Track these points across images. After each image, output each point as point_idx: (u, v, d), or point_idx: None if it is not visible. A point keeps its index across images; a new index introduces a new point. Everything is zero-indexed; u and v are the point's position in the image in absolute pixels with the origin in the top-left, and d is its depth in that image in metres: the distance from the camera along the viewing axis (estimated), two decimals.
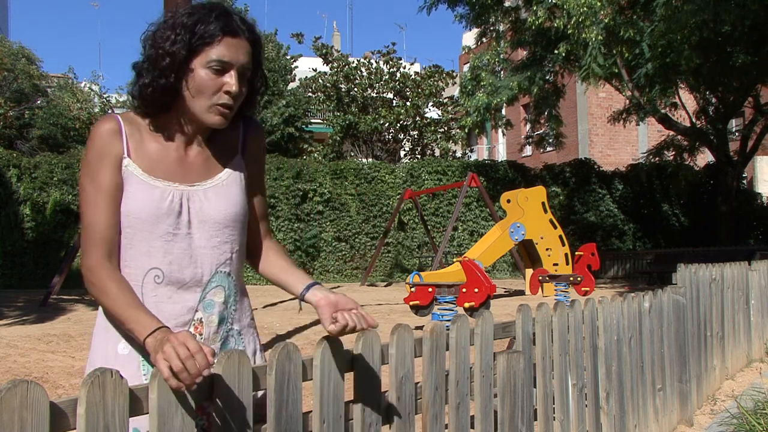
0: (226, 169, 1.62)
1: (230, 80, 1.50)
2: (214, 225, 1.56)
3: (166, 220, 1.52)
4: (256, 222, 1.72)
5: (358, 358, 1.65)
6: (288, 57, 25.10)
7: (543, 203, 12.69)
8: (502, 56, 16.87)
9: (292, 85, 25.17)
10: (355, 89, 25.14)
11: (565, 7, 12.60)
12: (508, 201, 12.77)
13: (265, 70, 1.66)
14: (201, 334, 1.57)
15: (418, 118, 24.88)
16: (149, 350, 1.32)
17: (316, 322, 8.76)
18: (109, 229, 1.50)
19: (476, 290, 8.06)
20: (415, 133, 25.48)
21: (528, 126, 22.08)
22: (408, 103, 25.04)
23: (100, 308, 1.55)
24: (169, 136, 1.57)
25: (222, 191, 1.59)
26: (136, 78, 1.54)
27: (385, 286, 16.54)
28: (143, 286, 1.52)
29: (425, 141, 25.46)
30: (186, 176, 1.56)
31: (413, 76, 25.45)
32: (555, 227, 12.67)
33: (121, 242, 1.53)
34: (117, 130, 1.52)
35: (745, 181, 23.32)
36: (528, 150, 26.12)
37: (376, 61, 25.44)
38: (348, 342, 1.56)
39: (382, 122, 24.14)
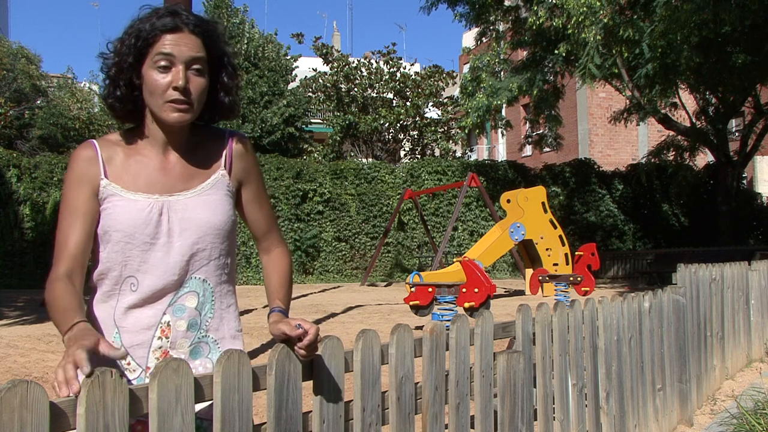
0: (210, 179, 1.64)
1: (176, 75, 1.53)
2: (196, 231, 1.59)
3: (144, 230, 1.55)
4: (264, 233, 1.77)
5: (357, 359, 1.65)
6: (288, 57, 25.10)
7: (543, 203, 12.68)
8: (502, 57, 16.87)
9: (292, 85, 25.14)
10: (355, 89, 25.13)
11: (565, 6, 12.59)
12: (508, 201, 12.77)
13: (232, 61, 1.65)
14: (167, 337, 1.59)
15: (418, 118, 24.87)
16: (67, 343, 1.31)
17: (315, 323, 8.77)
18: (77, 248, 1.55)
19: (476, 290, 8.06)
20: (415, 133, 25.46)
21: (528, 126, 22.09)
22: (408, 103, 25.01)
23: None
24: (146, 147, 1.62)
25: (204, 200, 1.62)
26: (101, 91, 1.62)
27: (385, 286, 16.54)
28: (120, 294, 1.58)
29: (425, 141, 25.44)
30: (167, 186, 1.60)
31: (413, 76, 25.43)
32: (555, 227, 12.66)
33: (99, 257, 1.59)
34: (93, 157, 1.59)
35: (745, 181, 23.35)
36: (528, 150, 26.12)
37: (376, 61, 25.42)
38: (347, 342, 1.56)
39: (382, 122, 24.12)
